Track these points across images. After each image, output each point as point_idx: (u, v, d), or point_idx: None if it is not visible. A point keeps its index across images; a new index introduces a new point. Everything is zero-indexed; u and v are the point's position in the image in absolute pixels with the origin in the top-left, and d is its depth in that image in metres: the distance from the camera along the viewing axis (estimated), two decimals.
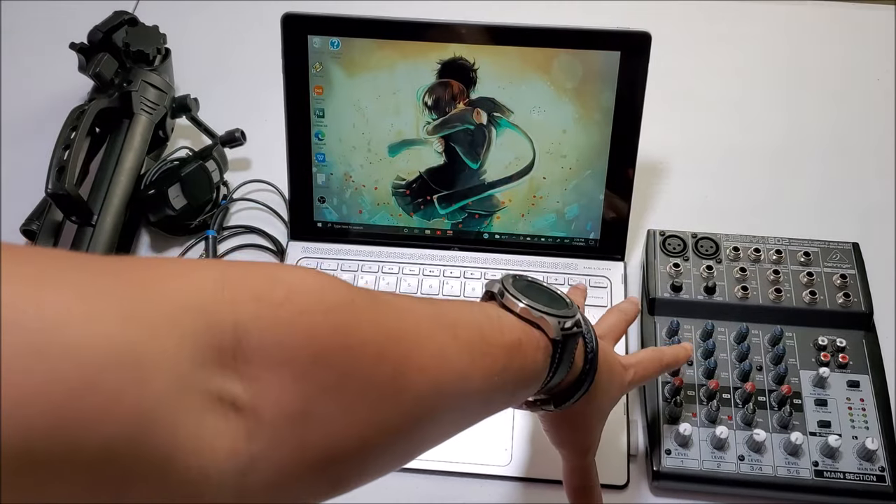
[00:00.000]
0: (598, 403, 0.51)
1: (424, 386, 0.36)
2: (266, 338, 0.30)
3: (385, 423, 0.35)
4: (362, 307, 0.35)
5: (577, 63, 0.69)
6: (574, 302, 0.48)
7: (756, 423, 0.63)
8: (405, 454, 0.38)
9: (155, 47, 0.84)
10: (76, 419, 0.23)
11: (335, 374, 0.32)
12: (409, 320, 0.37)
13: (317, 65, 0.71)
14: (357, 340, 0.33)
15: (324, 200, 0.76)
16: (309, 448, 0.31)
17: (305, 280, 0.33)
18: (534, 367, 0.44)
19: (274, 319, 0.30)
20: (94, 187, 0.75)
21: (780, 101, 0.91)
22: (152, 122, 0.80)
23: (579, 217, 0.75)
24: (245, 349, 0.29)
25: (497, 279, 0.47)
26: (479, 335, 0.41)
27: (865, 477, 0.61)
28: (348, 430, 0.33)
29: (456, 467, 0.65)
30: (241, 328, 0.29)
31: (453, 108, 0.72)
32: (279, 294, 0.31)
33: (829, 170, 0.84)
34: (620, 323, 0.60)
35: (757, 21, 0.98)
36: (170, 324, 0.27)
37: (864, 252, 0.72)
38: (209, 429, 0.27)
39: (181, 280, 0.29)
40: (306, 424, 0.31)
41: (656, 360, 0.58)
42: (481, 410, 0.43)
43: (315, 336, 0.31)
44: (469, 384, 0.39)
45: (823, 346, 0.67)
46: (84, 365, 0.24)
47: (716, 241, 0.73)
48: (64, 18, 0.97)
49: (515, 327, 0.44)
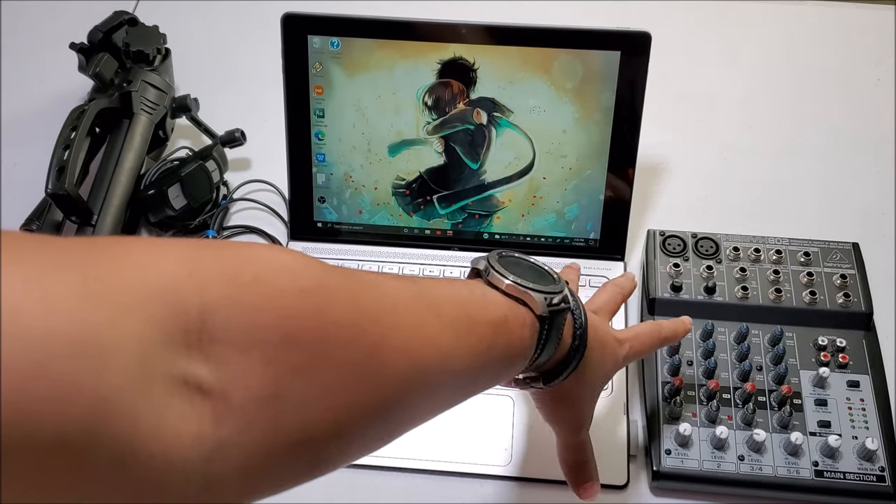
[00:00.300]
0: (589, 379, 0.50)
1: (404, 366, 0.36)
2: (234, 319, 0.29)
3: (362, 403, 0.34)
4: (336, 286, 0.34)
5: (577, 63, 0.69)
6: (562, 278, 0.47)
7: (756, 423, 0.63)
8: (387, 433, 0.38)
9: (155, 47, 0.84)
10: (26, 408, 0.22)
11: (307, 356, 0.31)
12: (388, 299, 0.37)
13: (317, 65, 0.71)
14: (330, 320, 0.32)
15: (324, 200, 0.76)
16: (281, 431, 0.30)
17: (277, 259, 0.32)
18: (520, 344, 0.43)
19: (242, 300, 0.29)
20: (94, 187, 0.75)
21: (780, 101, 0.90)
22: (152, 122, 0.80)
23: (579, 217, 0.75)
24: (212, 331, 0.28)
25: (483, 255, 0.46)
26: (463, 313, 0.40)
27: (865, 477, 0.61)
28: (323, 412, 0.32)
29: (456, 467, 0.65)
30: (208, 309, 0.28)
31: (453, 108, 0.72)
32: (249, 274, 0.30)
33: (829, 170, 0.84)
34: (616, 297, 0.59)
35: (757, 21, 0.98)
36: (133, 305, 0.26)
37: (864, 252, 0.72)
38: (173, 414, 0.26)
39: (148, 260, 0.28)
40: (278, 407, 0.30)
41: (654, 333, 0.56)
42: (467, 389, 0.42)
43: (286, 317, 0.31)
44: (453, 363, 0.39)
45: (823, 346, 0.67)
46: (34, 350, 0.23)
47: (716, 241, 0.73)
48: (64, 18, 0.97)
49: (501, 304, 0.43)
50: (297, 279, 0.32)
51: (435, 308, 0.39)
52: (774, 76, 0.93)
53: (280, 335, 0.30)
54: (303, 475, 0.33)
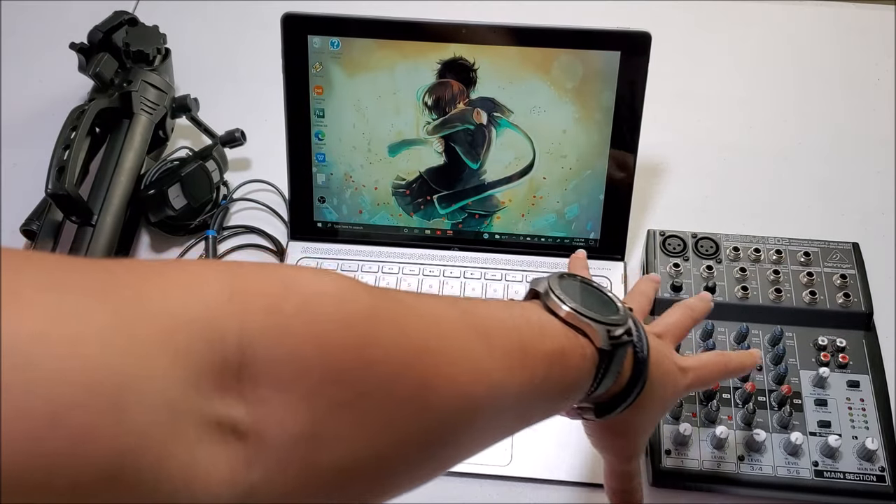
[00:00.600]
0: (646, 411, 0.47)
1: (453, 401, 0.33)
2: (274, 354, 0.27)
3: (406, 440, 0.32)
4: (385, 318, 0.32)
5: (577, 63, 0.69)
6: (627, 306, 0.44)
7: (756, 423, 0.63)
8: (432, 469, 0.35)
9: (155, 47, 0.84)
10: (41, 460, 0.21)
11: (350, 392, 0.29)
12: (437, 329, 0.34)
13: (317, 65, 0.71)
14: (377, 355, 0.31)
15: (324, 200, 0.76)
16: (317, 469, 0.29)
17: (321, 286, 0.30)
18: (577, 376, 0.40)
19: (284, 333, 0.28)
20: (94, 187, 0.75)
21: (780, 101, 0.90)
22: (152, 122, 0.80)
23: (579, 217, 0.75)
24: (250, 366, 0.26)
25: (544, 277, 0.44)
26: (517, 343, 0.37)
27: (865, 477, 0.61)
28: (362, 449, 0.30)
29: (456, 467, 0.64)
30: (246, 343, 0.26)
31: (453, 108, 0.72)
32: (292, 303, 0.28)
33: (829, 170, 0.84)
34: (685, 320, 0.54)
35: (757, 21, 0.98)
36: (162, 342, 0.24)
37: (864, 252, 0.72)
38: (203, 459, 0.25)
39: (182, 289, 0.26)
40: (315, 445, 0.28)
41: (721, 364, 0.52)
42: (517, 423, 0.40)
43: (329, 351, 0.29)
44: (504, 397, 0.36)
45: (823, 346, 0.67)
46: (52, 400, 0.21)
47: (716, 241, 0.73)
48: (64, 18, 0.97)
49: (559, 333, 0.40)
50: (342, 309, 0.30)
51: (486, 338, 0.36)
52: (774, 76, 0.93)
53: (322, 370, 0.28)
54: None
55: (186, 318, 0.26)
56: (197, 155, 0.79)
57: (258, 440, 0.27)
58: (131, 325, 0.24)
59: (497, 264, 0.76)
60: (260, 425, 0.27)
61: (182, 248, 0.79)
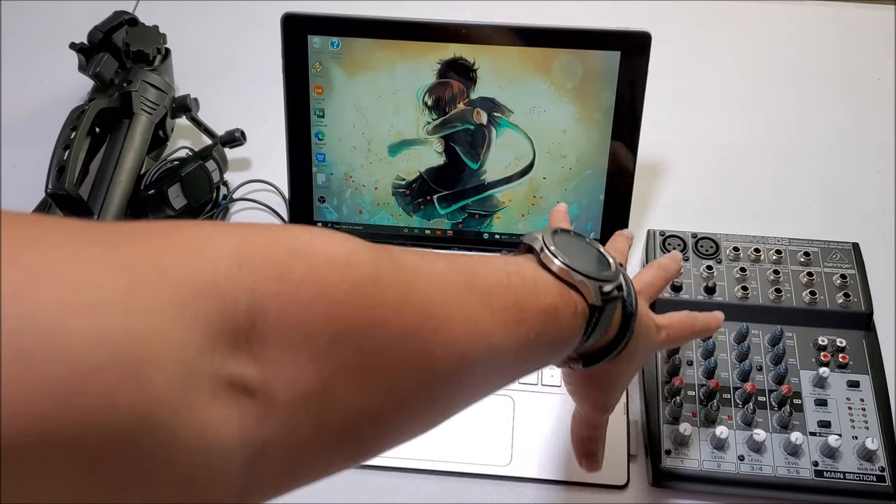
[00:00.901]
0: (626, 364, 0.49)
1: (453, 360, 0.35)
2: (284, 318, 0.28)
3: (408, 397, 0.34)
4: (389, 280, 0.33)
5: (577, 63, 0.69)
6: (618, 261, 0.46)
7: (756, 423, 0.63)
8: (431, 420, 0.37)
9: (155, 47, 0.84)
10: (66, 420, 0.22)
11: (357, 353, 0.31)
12: (440, 291, 0.35)
13: (317, 65, 0.71)
14: (382, 317, 0.32)
15: (324, 200, 0.76)
16: (325, 427, 0.30)
17: (329, 250, 0.31)
18: (570, 331, 0.42)
19: (293, 298, 0.29)
20: (94, 187, 0.75)
21: (780, 101, 0.90)
22: (152, 122, 0.80)
23: (579, 217, 0.75)
24: (261, 330, 0.28)
25: (538, 231, 0.45)
26: (513, 302, 0.39)
27: (865, 477, 0.61)
28: (367, 406, 0.32)
29: (456, 467, 0.65)
30: (256, 308, 0.28)
31: (453, 108, 0.72)
32: (300, 270, 0.29)
33: (829, 170, 0.84)
34: (659, 280, 0.57)
35: (757, 21, 0.98)
36: (179, 308, 0.25)
37: (864, 252, 0.72)
38: (216, 419, 0.26)
39: (195, 255, 0.27)
40: (323, 404, 0.30)
41: (688, 324, 0.55)
42: (510, 375, 0.42)
43: (337, 314, 0.30)
44: (501, 353, 0.38)
45: (823, 346, 0.67)
46: (75, 366, 0.22)
47: (716, 241, 0.73)
48: (64, 18, 0.97)
49: (552, 290, 0.41)
50: (348, 272, 0.31)
51: (486, 300, 0.37)
52: (774, 76, 0.93)
53: (330, 333, 0.30)
54: (344, 464, 0.33)
55: (199, 286, 0.26)
56: (197, 155, 0.79)
57: (269, 398, 0.28)
58: (149, 291, 0.25)
59: None
60: (270, 384, 0.28)
61: None
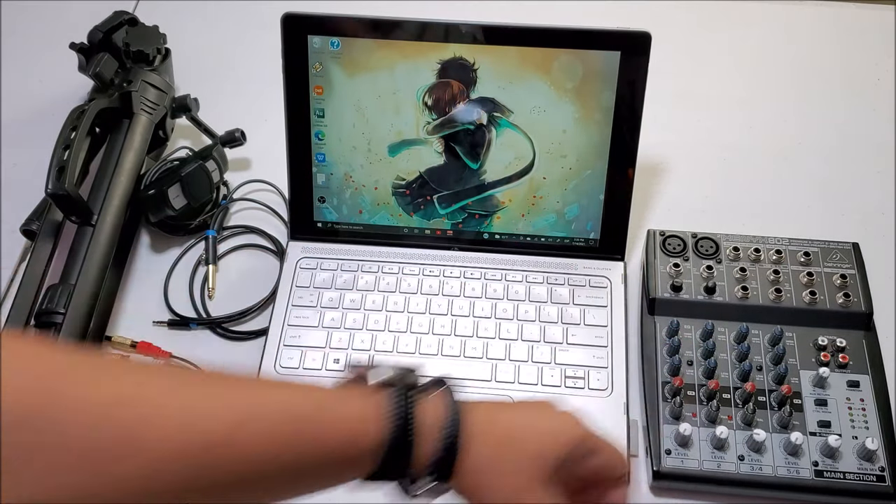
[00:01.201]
0: (498, 476, 0.44)
1: (164, 454, 0.36)
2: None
3: (124, 484, 0.35)
4: (82, 373, 0.36)
5: (577, 63, 0.69)
6: (413, 375, 0.45)
7: (756, 423, 0.63)
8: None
9: (155, 47, 0.84)
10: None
11: (38, 437, 0.32)
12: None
13: (317, 65, 0.71)
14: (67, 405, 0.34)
15: (324, 200, 0.76)
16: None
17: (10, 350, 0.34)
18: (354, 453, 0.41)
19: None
20: (94, 187, 0.75)
21: (780, 101, 0.91)
22: (152, 122, 0.80)
23: (579, 217, 0.75)
24: None
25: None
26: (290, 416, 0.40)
27: (865, 477, 0.61)
28: (51, 492, 0.33)
29: None
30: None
31: (453, 107, 0.72)
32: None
33: (829, 170, 0.84)
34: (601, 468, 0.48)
35: (757, 21, 0.98)
36: None
37: (864, 252, 0.72)
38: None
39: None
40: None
41: (614, 453, 0.49)
42: (288, 487, 0.41)
43: (20, 399, 0.32)
44: (243, 459, 0.38)
45: (823, 346, 0.67)
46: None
47: (716, 241, 0.73)
48: (64, 18, 0.97)
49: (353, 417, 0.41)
50: (32, 366, 0.35)
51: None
52: (774, 76, 0.93)
53: (13, 417, 0.32)
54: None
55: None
56: (197, 155, 0.79)
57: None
58: None
59: (497, 264, 0.76)
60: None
61: (182, 248, 0.79)
